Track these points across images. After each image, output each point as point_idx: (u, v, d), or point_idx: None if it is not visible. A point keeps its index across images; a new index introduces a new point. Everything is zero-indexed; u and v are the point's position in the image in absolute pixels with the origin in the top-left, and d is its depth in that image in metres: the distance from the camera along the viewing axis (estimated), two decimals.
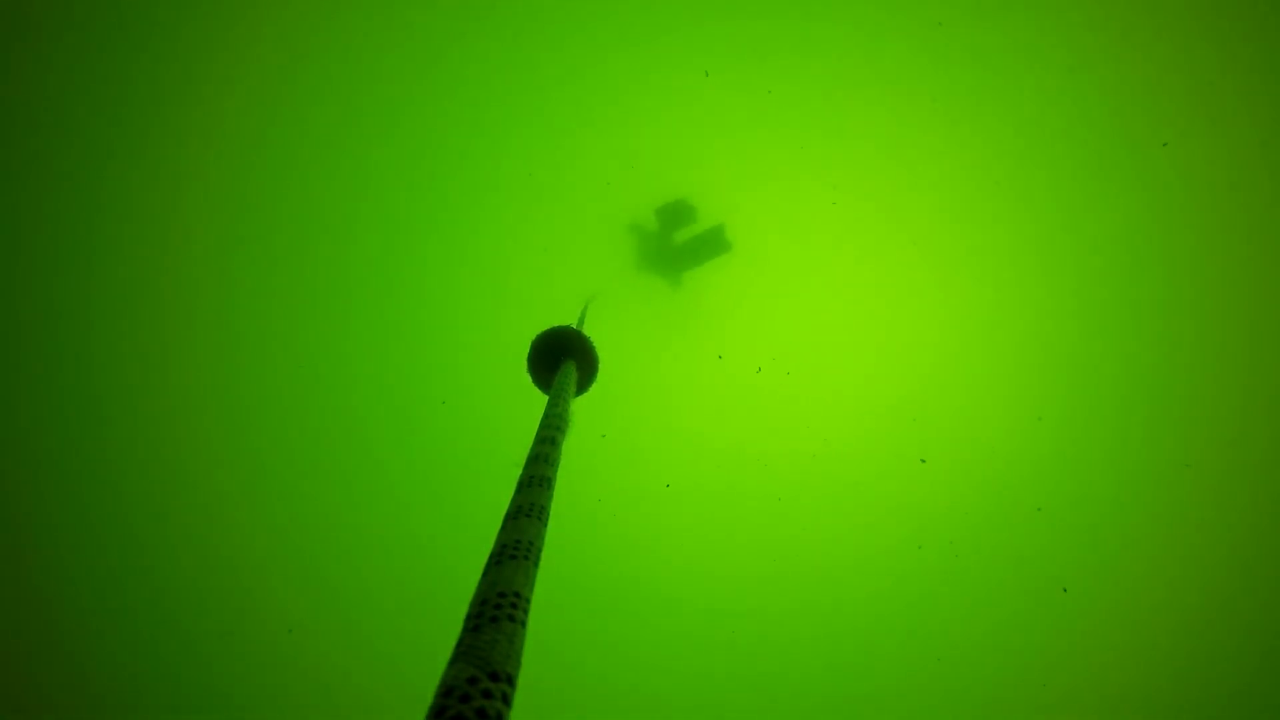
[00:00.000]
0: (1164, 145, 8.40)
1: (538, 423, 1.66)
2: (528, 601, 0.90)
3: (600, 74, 9.81)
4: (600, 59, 9.65)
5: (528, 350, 2.31)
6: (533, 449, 1.47)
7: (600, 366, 2.32)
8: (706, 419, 11.18)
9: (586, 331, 2.31)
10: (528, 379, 2.35)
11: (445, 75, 9.91)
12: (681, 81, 9.64)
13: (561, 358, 2.25)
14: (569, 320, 2.37)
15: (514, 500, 1.20)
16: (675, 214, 9.75)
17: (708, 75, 8.80)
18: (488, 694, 0.68)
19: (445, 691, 0.68)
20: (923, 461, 10.36)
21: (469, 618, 0.84)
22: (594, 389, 2.35)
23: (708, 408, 11.13)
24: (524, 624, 0.85)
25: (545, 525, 1.14)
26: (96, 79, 9.08)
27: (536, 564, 1.01)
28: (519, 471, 1.37)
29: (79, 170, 9.39)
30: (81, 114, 9.14)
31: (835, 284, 10.58)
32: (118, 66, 9.10)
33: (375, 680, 11.58)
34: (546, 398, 1.92)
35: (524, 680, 0.79)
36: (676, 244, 9.77)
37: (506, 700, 0.70)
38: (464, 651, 0.75)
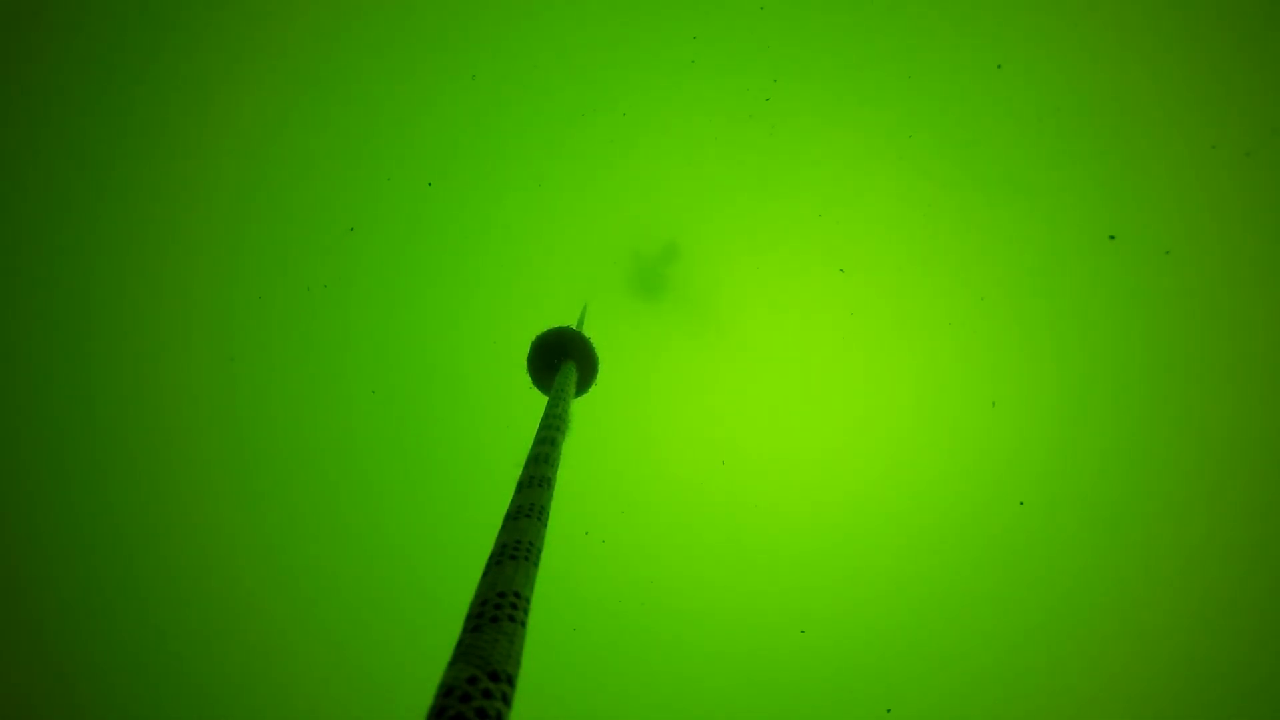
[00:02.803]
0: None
1: (538, 423, 1.66)
2: (528, 601, 0.90)
3: (615, 96, 10.03)
4: (614, 86, 9.92)
5: (528, 351, 2.30)
6: (533, 449, 1.47)
7: (600, 368, 2.32)
8: (699, 425, 11.30)
9: (586, 333, 2.31)
10: (528, 379, 2.35)
11: (455, 83, 9.97)
12: (697, 119, 9.95)
13: (561, 359, 2.24)
14: (565, 323, 2.36)
15: (514, 501, 1.21)
16: (668, 249, 10.34)
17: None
18: (488, 694, 0.68)
19: (445, 691, 0.68)
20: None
21: (469, 618, 0.85)
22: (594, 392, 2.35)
23: (698, 419, 11.29)
24: (524, 624, 0.85)
25: (545, 525, 1.14)
26: (99, 79, 9.09)
27: (536, 564, 1.01)
28: (519, 472, 1.37)
29: (79, 168, 9.40)
30: (84, 112, 9.14)
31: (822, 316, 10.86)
32: (120, 67, 9.11)
33: (375, 680, 11.58)
34: (546, 398, 1.92)
35: (524, 680, 0.80)
36: (661, 273, 10.58)
37: (506, 700, 0.70)
38: (464, 651, 0.76)
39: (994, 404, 10.31)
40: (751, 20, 9.38)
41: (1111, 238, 8.66)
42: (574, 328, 2.31)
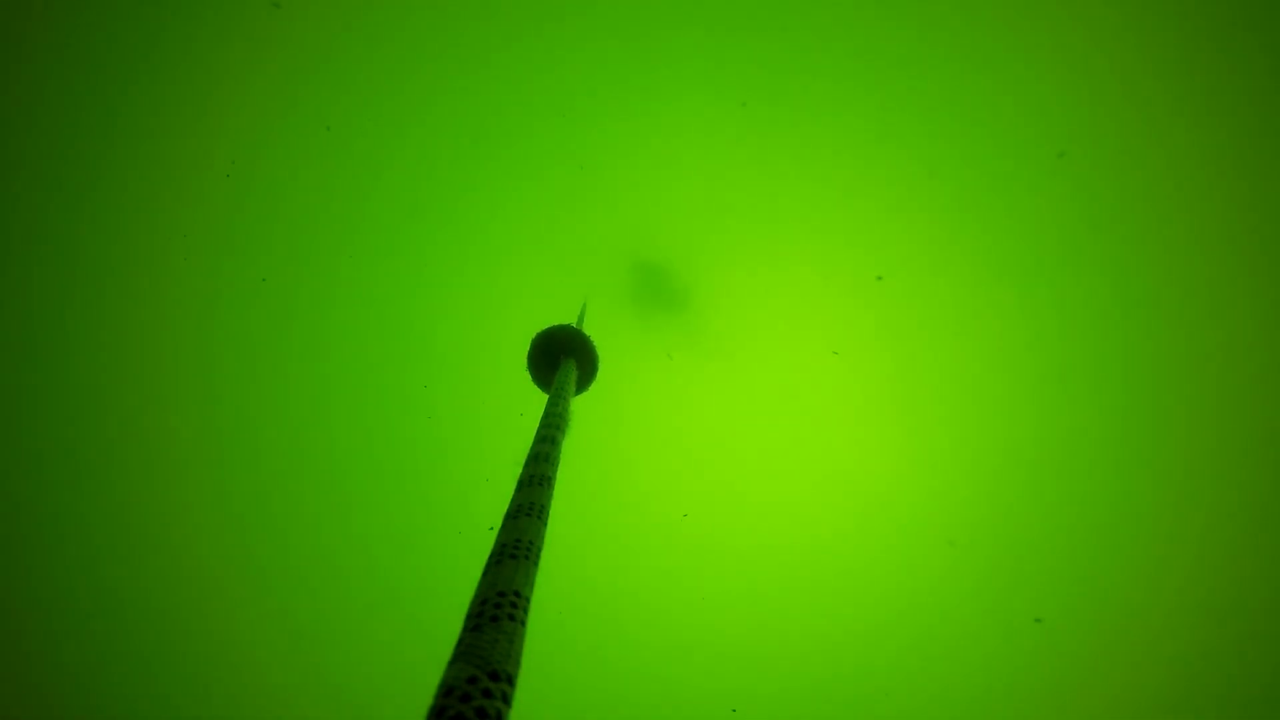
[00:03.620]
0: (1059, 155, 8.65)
1: (538, 422, 1.65)
2: (528, 601, 0.90)
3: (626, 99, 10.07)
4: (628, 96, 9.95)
5: (528, 349, 2.30)
6: (533, 448, 1.47)
7: (600, 366, 2.31)
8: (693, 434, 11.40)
9: (586, 331, 2.30)
10: (528, 377, 2.34)
11: (459, 78, 9.96)
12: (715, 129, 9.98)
13: (562, 356, 2.24)
14: (566, 320, 2.36)
15: (514, 499, 1.20)
16: (670, 254, 10.41)
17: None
18: (488, 694, 0.68)
19: (445, 691, 0.67)
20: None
21: (469, 618, 0.84)
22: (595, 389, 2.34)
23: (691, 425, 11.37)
24: (524, 624, 0.84)
25: (545, 524, 1.14)
26: (94, 80, 9.07)
27: (536, 564, 1.01)
28: (519, 471, 1.36)
29: (71, 167, 9.38)
30: (74, 109, 9.12)
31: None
32: (115, 70, 9.09)
33: (375, 680, 11.58)
34: (546, 396, 1.92)
35: (524, 680, 0.79)
36: (659, 286, 10.66)
37: (506, 700, 0.69)
38: (464, 651, 0.75)
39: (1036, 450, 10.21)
40: (771, 28, 9.34)
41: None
42: (574, 325, 2.30)
